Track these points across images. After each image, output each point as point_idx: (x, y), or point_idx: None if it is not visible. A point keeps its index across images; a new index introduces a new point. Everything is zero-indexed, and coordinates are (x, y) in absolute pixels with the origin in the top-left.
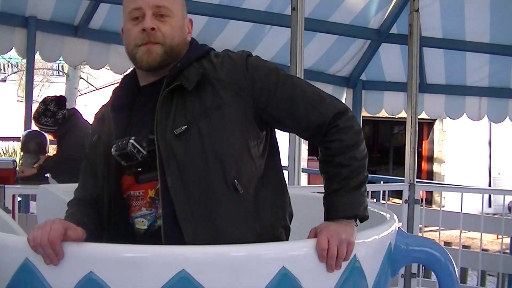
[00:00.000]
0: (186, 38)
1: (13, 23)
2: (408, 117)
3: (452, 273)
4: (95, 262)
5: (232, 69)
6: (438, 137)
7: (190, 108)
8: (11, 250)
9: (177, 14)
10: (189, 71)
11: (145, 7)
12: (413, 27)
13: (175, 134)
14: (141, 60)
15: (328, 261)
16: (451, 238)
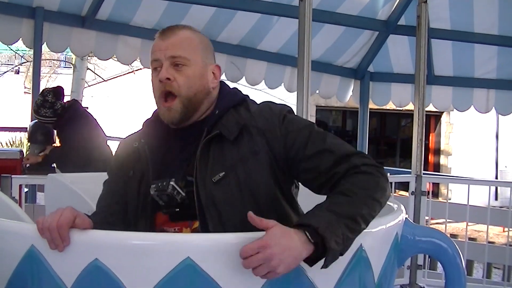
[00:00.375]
0: (207, 85)
1: (20, 14)
2: (416, 108)
3: (459, 264)
4: (100, 249)
5: (269, 118)
6: (445, 129)
7: (227, 155)
8: (18, 237)
9: (195, 62)
10: (227, 119)
11: (162, 59)
12: (421, 19)
13: (214, 182)
14: (164, 118)
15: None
16: (457, 230)
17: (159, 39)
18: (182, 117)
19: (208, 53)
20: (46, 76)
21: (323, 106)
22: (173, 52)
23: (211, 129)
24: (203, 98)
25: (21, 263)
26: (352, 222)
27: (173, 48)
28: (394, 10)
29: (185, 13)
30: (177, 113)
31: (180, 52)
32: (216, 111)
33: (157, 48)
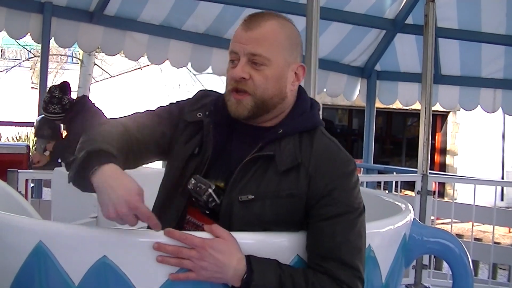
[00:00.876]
0: (284, 89)
1: (29, 8)
2: (422, 107)
3: (466, 264)
4: (108, 246)
5: (323, 167)
6: (451, 129)
7: (266, 180)
8: (25, 232)
9: (276, 63)
10: (286, 145)
11: (241, 53)
12: (428, 18)
13: (239, 200)
14: (231, 109)
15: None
16: (462, 230)
17: (242, 29)
18: (250, 115)
19: (293, 51)
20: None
21: (330, 105)
22: (254, 49)
23: (266, 146)
24: (277, 102)
25: (28, 259)
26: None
27: (255, 44)
28: (401, 8)
29: (193, 9)
30: (246, 110)
31: (261, 50)
32: (280, 130)
33: (238, 39)
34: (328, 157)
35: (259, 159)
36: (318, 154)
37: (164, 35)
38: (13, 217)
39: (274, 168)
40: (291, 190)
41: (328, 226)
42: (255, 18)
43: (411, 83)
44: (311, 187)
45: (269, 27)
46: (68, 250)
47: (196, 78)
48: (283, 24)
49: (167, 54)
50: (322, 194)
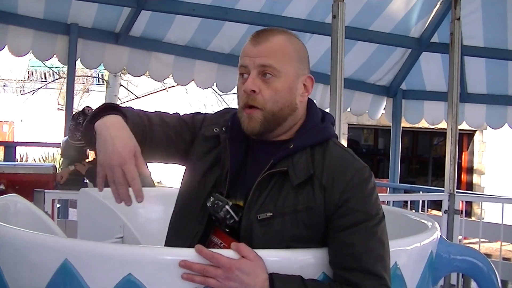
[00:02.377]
0: (294, 100)
1: (55, 30)
2: (449, 126)
3: (494, 283)
4: (134, 264)
5: (337, 177)
6: (478, 148)
7: (282, 196)
8: (51, 250)
9: (286, 74)
10: (299, 159)
11: (251, 66)
12: (454, 36)
13: (258, 219)
14: (243, 125)
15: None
16: (490, 250)
17: (251, 44)
18: (262, 130)
19: (302, 63)
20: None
21: (355, 124)
22: (263, 61)
23: (279, 162)
24: (288, 114)
25: (54, 277)
26: None
27: (264, 56)
28: (427, 27)
29: (218, 30)
30: (257, 124)
31: (270, 61)
32: (291, 145)
33: (247, 53)
34: (341, 167)
35: (273, 176)
36: (331, 165)
37: (190, 55)
38: (39, 235)
39: (289, 183)
40: (309, 203)
41: (347, 236)
42: (262, 33)
43: (437, 102)
44: (326, 199)
45: (277, 40)
46: (93, 268)
47: (221, 98)
48: (290, 38)
49: (192, 74)
50: (338, 205)
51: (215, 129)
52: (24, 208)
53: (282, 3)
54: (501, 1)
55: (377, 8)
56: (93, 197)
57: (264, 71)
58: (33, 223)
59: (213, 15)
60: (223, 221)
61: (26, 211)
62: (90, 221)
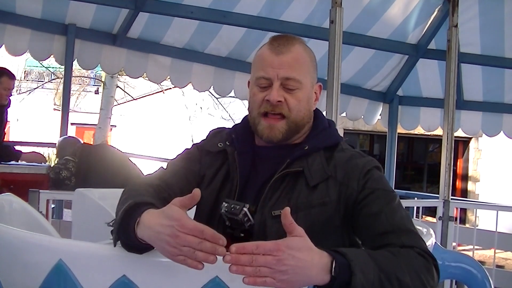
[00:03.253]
0: (311, 109)
1: (52, 30)
2: (444, 133)
3: None
4: (128, 265)
5: (350, 171)
6: (473, 155)
7: (296, 194)
8: (46, 250)
9: (305, 85)
10: (314, 160)
11: (274, 78)
12: (451, 43)
13: (272, 215)
14: (262, 133)
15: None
16: (484, 257)
17: (272, 54)
18: (284, 138)
19: (315, 71)
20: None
21: (351, 130)
22: (287, 73)
23: (294, 161)
24: (306, 122)
25: (48, 277)
26: (387, 279)
27: (288, 68)
28: (424, 34)
29: (216, 33)
30: (280, 134)
31: (294, 74)
32: (306, 146)
33: (269, 64)
34: (352, 162)
35: (287, 175)
36: (343, 163)
37: (187, 58)
38: (34, 235)
39: (303, 182)
40: (323, 199)
41: (372, 207)
42: (282, 42)
43: (433, 109)
44: (344, 191)
45: (297, 50)
46: (88, 269)
47: (218, 101)
48: (305, 47)
49: (190, 77)
50: (358, 190)
51: (220, 144)
52: (18, 208)
53: (280, 7)
54: (498, 9)
55: (375, 14)
56: (88, 197)
57: (288, 84)
58: (28, 223)
59: (211, 18)
60: (241, 225)
61: (20, 211)
62: (84, 222)
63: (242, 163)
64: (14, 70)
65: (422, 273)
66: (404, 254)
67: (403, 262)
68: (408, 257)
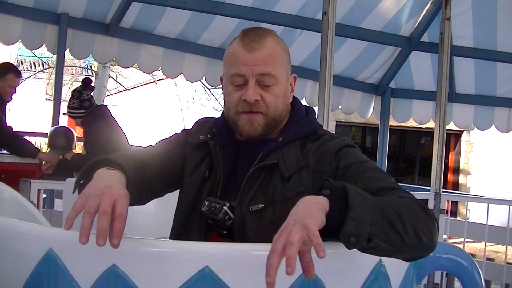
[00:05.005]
0: (288, 102)
1: (44, 19)
2: (436, 126)
3: (478, 282)
4: (118, 255)
5: (322, 157)
6: (465, 149)
7: (272, 187)
8: (35, 239)
9: (281, 79)
10: (289, 152)
11: (249, 76)
12: (444, 36)
13: (250, 211)
14: (243, 129)
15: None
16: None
17: (245, 50)
18: (263, 132)
19: (289, 63)
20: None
21: (343, 122)
22: (262, 69)
23: (268, 154)
24: (284, 116)
25: (38, 266)
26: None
27: (262, 64)
28: (417, 26)
29: (209, 23)
30: (259, 127)
31: (269, 69)
32: (280, 138)
33: (242, 61)
34: (323, 148)
35: (263, 169)
36: (315, 150)
37: (179, 48)
38: (24, 224)
39: (278, 175)
40: (298, 189)
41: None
42: (254, 36)
43: (425, 101)
44: (317, 180)
45: (270, 44)
46: (78, 258)
47: (210, 92)
48: (277, 39)
49: (182, 67)
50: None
51: (201, 136)
52: (9, 197)
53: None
54: (491, 2)
55: (368, 6)
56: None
57: (263, 82)
58: (18, 213)
59: (204, 9)
60: (222, 223)
61: (11, 200)
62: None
63: (225, 157)
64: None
65: (420, 210)
66: (404, 201)
67: (397, 200)
68: (410, 203)
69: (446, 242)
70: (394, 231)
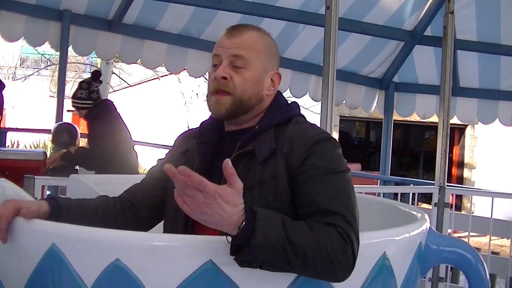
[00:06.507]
0: (261, 92)
1: (47, 16)
2: (440, 120)
3: (482, 275)
4: (122, 249)
5: (295, 144)
6: (469, 143)
7: (251, 174)
8: (39, 234)
9: (255, 66)
10: (264, 138)
11: (223, 55)
12: (447, 29)
13: None
14: (211, 109)
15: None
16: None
17: (225, 37)
18: (229, 114)
19: (271, 59)
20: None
21: (347, 117)
22: (235, 51)
23: (246, 143)
24: (255, 103)
25: (42, 261)
26: (291, 248)
27: (236, 47)
28: (420, 20)
29: (211, 19)
30: (224, 108)
31: (242, 52)
32: (257, 126)
33: (221, 44)
34: (299, 134)
35: (243, 157)
36: (290, 136)
37: (182, 44)
38: (27, 219)
39: (256, 161)
40: (273, 173)
41: (305, 187)
42: (237, 27)
43: (429, 95)
44: (288, 164)
45: (250, 35)
46: (81, 252)
47: None
48: (262, 35)
49: (185, 63)
50: (298, 165)
51: (188, 143)
52: (13, 194)
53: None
54: None
55: (371, 0)
56: (83, 183)
57: (235, 62)
58: None
59: (207, 4)
60: None
61: (15, 197)
62: None
63: (202, 151)
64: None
65: (334, 251)
66: (322, 230)
67: (316, 237)
68: (326, 234)
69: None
70: (290, 267)
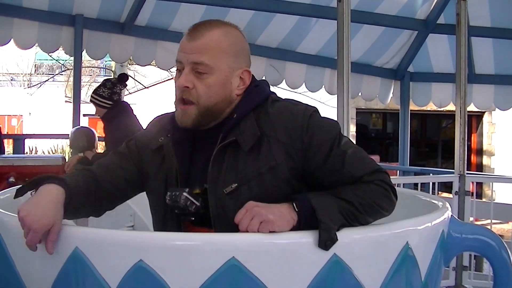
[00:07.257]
0: (229, 94)
1: (60, 21)
2: (457, 108)
3: (507, 261)
4: (144, 250)
5: (290, 127)
6: (487, 130)
7: (241, 166)
8: (62, 238)
9: (219, 70)
10: (245, 125)
11: (185, 62)
12: (460, 17)
13: (225, 193)
14: (177, 119)
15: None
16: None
17: (186, 39)
18: (195, 124)
19: (238, 57)
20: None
21: (363, 109)
22: (196, 58)
23: (227, 134)
24: (224, 107)
25: (66, 265)
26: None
27: (197, 53)
28: (433, 8)
29: (223, 17)
30: (190, 119)
31: (203, 58)
32: (235, 115)
33: (182, 49)
34: (288, 117)
35: (226, 149)
36: (276, 119)
37: None
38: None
39: (242, 151)
40: (270, 163)
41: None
42: (198, 28)
43: (444, 84)
44: (290, 151)
45: (212, 36)
46: (104, 255)
47: None
48: (227, 32)
49: None
50: (304, 148)
51: (160, 138)
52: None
53: None
54: None
55: None
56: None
57: (197, 69)
58: None
59: (218, 2)
60: (185, 209)
61: None
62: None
63: (180, 151)
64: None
65: (379, 200)
66: (361, 187)
67: (361, 190)
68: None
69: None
70: (356, 219)
